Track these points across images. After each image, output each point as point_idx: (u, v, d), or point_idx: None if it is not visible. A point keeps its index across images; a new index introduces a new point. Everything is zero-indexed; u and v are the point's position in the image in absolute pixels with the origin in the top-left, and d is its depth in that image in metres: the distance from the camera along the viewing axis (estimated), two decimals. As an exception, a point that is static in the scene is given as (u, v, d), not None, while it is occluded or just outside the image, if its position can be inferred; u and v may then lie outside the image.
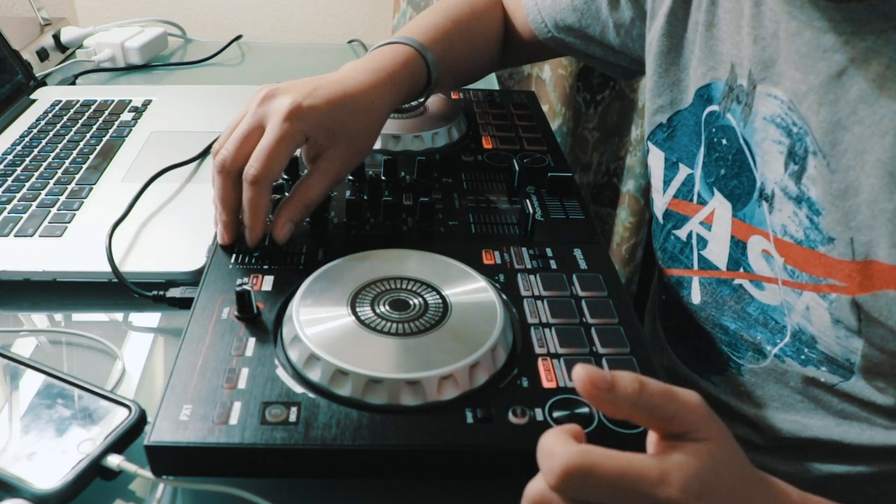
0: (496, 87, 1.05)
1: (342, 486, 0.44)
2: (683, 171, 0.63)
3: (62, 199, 0.67)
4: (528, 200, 0.63)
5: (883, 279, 0.47)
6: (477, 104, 0.82)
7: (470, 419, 0.41)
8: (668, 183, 0.65)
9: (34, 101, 0.89)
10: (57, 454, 0.42)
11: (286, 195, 0.55)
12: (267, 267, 0.53)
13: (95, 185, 0.70)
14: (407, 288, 0.49)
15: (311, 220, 0.58)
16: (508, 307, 0.49)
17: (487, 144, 0.73)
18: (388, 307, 0.47)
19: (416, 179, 0.65)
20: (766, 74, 0.53)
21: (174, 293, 0.56)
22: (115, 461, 0.42)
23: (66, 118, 0.84)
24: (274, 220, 0.54)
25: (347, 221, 0.58)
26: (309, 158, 0.57)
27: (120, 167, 0.74)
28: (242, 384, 0.43)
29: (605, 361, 0.45)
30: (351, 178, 0.65)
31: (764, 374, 0.59)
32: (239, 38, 1.19)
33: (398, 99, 0.63)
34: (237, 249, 0.55)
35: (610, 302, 0.50)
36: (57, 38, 1.11)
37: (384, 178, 0.65)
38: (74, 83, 1.00)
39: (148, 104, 0.88)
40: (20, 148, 0.77)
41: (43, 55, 1.07)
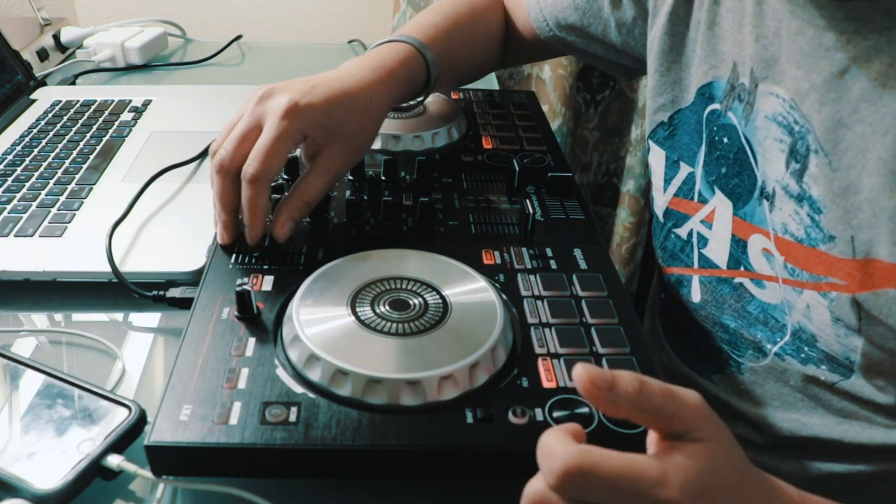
0: (496, 87, 1.05)
1: (342, 486, 0.44)
2: (684, 169, 0.63)
3: (62, 199, 0.68)
4: (528, 200, 0.63)
5: (883, 277, 0.47)
6: (477, 104, 0.82)
7: (470, 419, 0.41)
8: (668, 181, 0.65)
9: (34, 101, 0.89)
10: (57, 454, 0.42)
11: (286, 195, 0.56)
12: (267, 267, 0.53)
13: (95, 185, 0.70)
14: (407, 288, 0.49)
15: (311, 220, 0.58)
16: (508, 307, 0.49)
17: (487, 144, 0.73)
18: (388, 307, 0.47)
19: (416, 179, 0.65)
20: (767, 73, 0.53)
21: (174, 293, 0.56)
22: (115, 461, 0.42)
23: (66, 118, 0.84)
24: (274, 218, 0.54)
25: (347, 221, 0.58)
26: (308, 157, 0.57)
27: (120, 167, 0.74)
28: (242, 384, 0.43)
29: (605, 361, 0.45)
30: (351, 178, 0.65)
31: (764, 372, 0.59)
32: (239, 38, 1.19)
33: (397, 97, 0.63)
34: (237, 249, 0.55)
35: (610, 302, 0.50)
36: (57, 38, 1.11)
37: (384, 178, 0.65)
38: (74, 83, 1.00)
39: (148, 104, 0.88)
40: (20, 148, 0.77)
41: (43, 55, 1.07)
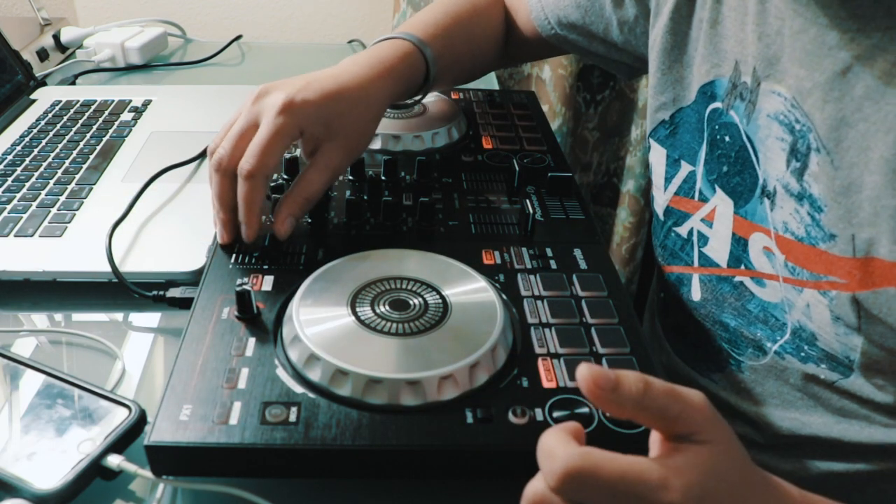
0: (496, 87, 1.05)
1: (342, 486, 0.44)
2: (685, 168, 0.63)
3: (62, 199, 0.67)
4: (528, 200, 0.63)
5: (883, 276, 0.47)
6: (477, 104, 0.82)
7: (470, 419, 0.41)
8: (669, 180, 0.65)
9: (34, 101, 0.89)
10: (57, 454, 0.42)
11: (287, 192, 0.55)
12: (267, 267, 0.53)
13: (95, 185, 0.70)
14: (407, 288, 0.49)
15: (311, 219, 0.58)
16: (508, 307, 0.49)
17: (487, 144, 0.73)
18: (388, 307, 0.47)
19: (416, 179, 0.65)
20: (770, 72, 0.53)
21: (174, 293, 0.56)
22: (115, 461, 0.42)
23: (66, 118, 0.84)
24: (275, 215, 0.54)
25: (347, 221, 0.58)
26: (307, 153, 0.57)
27: (120, 167, 0.74)
28: (242, 384, 0.43)
29: (605, 361, 0.45)
30: (351, 178, 0.65)
31: (764, 371, 0.59)
32: (239, 38, 1.19)
33: (395, 93, 0.63)
34: (237, 249, 0.55)
35: (610, 302, 0.50)
36: (57, 38, 1.11)
37: (384, 178, 0.65)
38: (74, 83, 1.00)
39: (148, 104, 0.88)
40: (20, 148, 0.77)
41: (43, 55, 1.07)
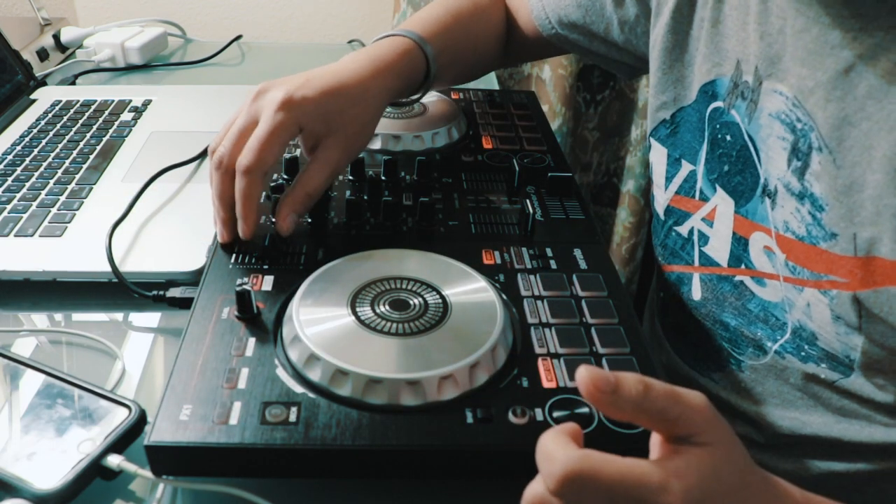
0: (496, 87, 1.05)
1: (342, 486, 0.44)
2: (686, 167, 0.63)
3: (62, 199, 0.67)
4: (528, 200, 0.63)
5: (885, 275, 0.47)
6: (477, 104, 0.82)
7: (470, 419, 0.41)
8: (670, 179, 0.65)
9: (34, 101, 0.89)
10: (57, 454, 0.42)
11: (288, 189, 0.55)
12: (267, 267, 0.53)
13: (95, 185, 0.70)
14: (407, 288, 0.49)
15: (311, 219, 0.58)
16: (508, 307, 0.49)
17: (487, 144, 0.73)
18: (388, 307, 0.47)
19: (416, 179, 0.65)
20: (771, 71, 0.53)
21: (174, 293, 0.56)
22: (115, 461, 0.42)
23: (66, 118, 0.84)
24: (277, 212, 0.54)
25: (347, 221, 0.58)
26: (307, 150, 0.58)
27: (120, 167, 0.74)
28: (242, 384, 0.43)
29: (605, 361, 0.45)
30: (351, 178, 0.65)
31: (764, 370, 0.59)
32: (239, 38, 1.19)
33: (395, 90, 0.63)
34: (237, 249, 0.55)
35: (610, 302, 0.50)
36: (57, 38, 1.11)
37: (384, 178, 0.65)
38: (74, 83, 1.00)
39: (148, 104, 0.88)
40: (20, 148, 0.77)
41: (43, 55, 1.07)
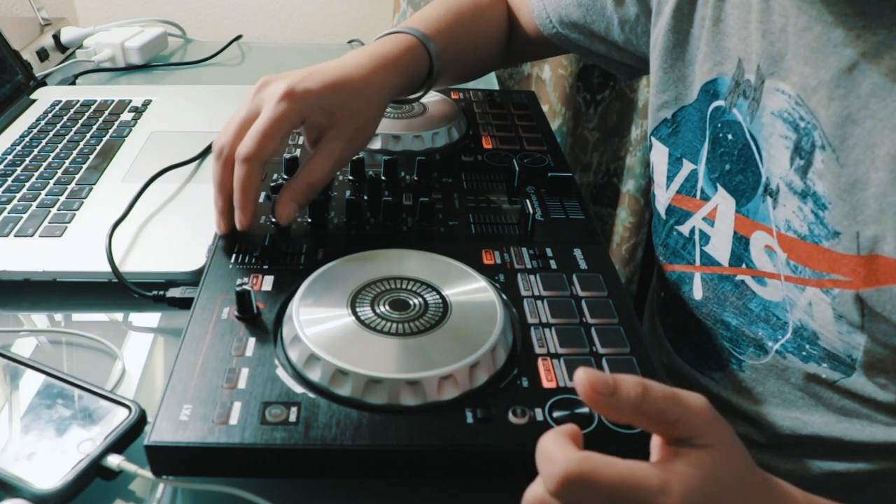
0: (496, 87, 1.05)
1: (342, 486, 0.44)
2: (687, 166, 0.63)
3: (62, 199, 0.67)
4: (528, 200, 0.63)
5: (888, 273, 0.47)
6: (477, 104, 0.82)
7: (470, 419, 0.41)
8: (671, 178, 0.65)
9: (34, 101, 0.89)
10: (57, 454, 0.42)
11: (291, 179, 0.55)
12: (267, 267, 0.53)
13: (95, 185, 0.70)
14: (407, 288, 0.49)
15: (311, 220, 0.58)
16: (508, 307, 0.49)
17: (487, 144, 0.73)
18: (388, 307, 0.47)
19: (416, 179, 0.65)
20: (774, 69, 0.53)
21: (174, 293, 0.56)
22: (115, 461, 0.42)
23: (66, 118, 0.84)
24: (277, 200, 0.54)
25: (347, 221, 0.58)
26: (310, 142, 0.58)
27: (120, 167, 0.74)
28: (242, 384, 0.43)
29: (605, 361, 0.45)
30: (351, 177, 0.65)
31: (765, 370, 0.59)
32: (239, 38, 1.19)
33: (398, 86, 0.64)
34: (237, 249, 0.55)
35: (610, 302, 0.50)
36: (57, 38, 1.11)
37: (384, 178, 0.65)
38: (74, 83, 1.00)
39: (148, 104, 0.88)
40: (20, 148, 0.77)
41: (43, 55, 1.07)
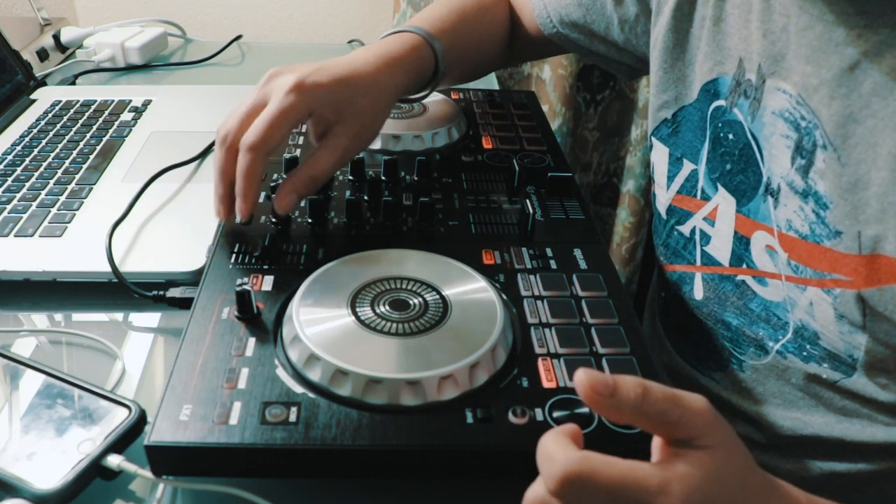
0: (496, 87, 1.05)
1: (342, 486, 0.44)
2: (687, 166, 0.63)
3: (62, 199, 0.67)
4: (528, 200, 0.63)
5: (890, 273, 0.47)
6: (477, 104, 0.82)
7: (470, 419, 0.41)
8: (671, 179, 0.65)
9: (34, 101, 0.89)
10: (57, 454, 0.42)
11: (293, 170, 0.55)
12: (267, 267, 0.53)
13: (95, 185, 0.70)
14: (407, 288, 0.49)
15: (311, 219, 0.58)
16: (508, 307, 0.49)
17: (487, 144, 0.73)
18: (388, 307, 0.47)
19: (416, 179, 0.65)
20: (775, 69, 0.53)
21: (174, 293, 0.56)
22: (115, 461, 0.42)
23: (66, 118, 0.84)
24: (278, 190, 0.54)
25: (347, 221, 0.58)
26: (317, 135, 0.58)
27: (120, 167, 0.74)
28: (242, 384, 0.43)
29: (605, 361, 0.45)
30: (351, 177, 0.65)
31: (765, 370, 0.59)
32: (239, 38, 1.19)
33: (404, 84, 0.64)
34: (237, 249, 0.55)
35: (610, 302, 0.50)
36: (57, 38, 1.11)
37: (384, 178, 0.65)
38: (74, 83, 1.00)
39: (148, 104, 0.88)
40: (20, 148, 0.77)
41: (43, 55, 1.07)
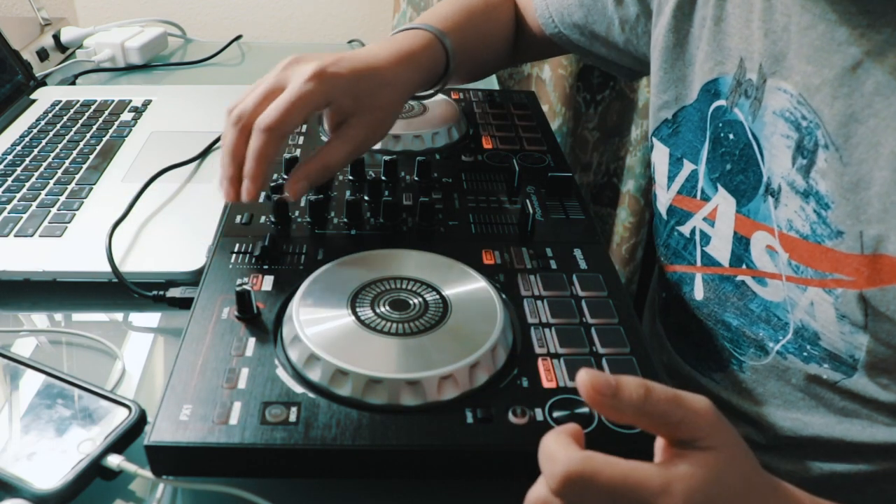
0: (496, 87, 1.05)
1: (342, 486, 0.44)
2: (687, 166, 0.63)
3: (62, 199, 0.67)
4: (528, 200, 0.63)
5: (892, 273, 0.47)
6: (477, 104, 0.82)
7: (470, 419, 0.41)
8: (672, 179, 0.65)
9: (34, 101, 0.89)
10: (57, 454, 0.42)
11: (306, 158, 0.55)
12: (267, 267, 0.53)
13: (95, 185, 0.70)
14: (407, 288, 0.49)
15: (311, 219, 0.58)
16: (508, 307, 0.49)
17: (487, 144, 0.73)
18: (388, 307, 0.47)
19: (416, 179, 0.65)
20: (776, 68, 0.53)
21: (174, 293, 0.56)
22: (115, 461, 0.42)
23: (66, 118, 0.84)
24: (290, 176, 0.54)
25: (347, 221, 0.58)
26: (332, 126, 0.57)
27: (120, 167, 0.74)
28: (242, 384, 0.43)
29: (605, 361, 0.45)
30: (351, 178, 0.65)
31: (766, 371, 0.59)
32: (239, 38, 1.19)
33: (418, 81, 0.64)
34: (237, 249, 0.55)
35: (610, 302, 0.50)
36: (57, 38, 1.11)
37: (384, 178, 0.65)
38: (74, 83, 1.00)
39: (148, 104, 0.88)
40: (20, 148, 0.77)
41: (43, 55, 1.07)
